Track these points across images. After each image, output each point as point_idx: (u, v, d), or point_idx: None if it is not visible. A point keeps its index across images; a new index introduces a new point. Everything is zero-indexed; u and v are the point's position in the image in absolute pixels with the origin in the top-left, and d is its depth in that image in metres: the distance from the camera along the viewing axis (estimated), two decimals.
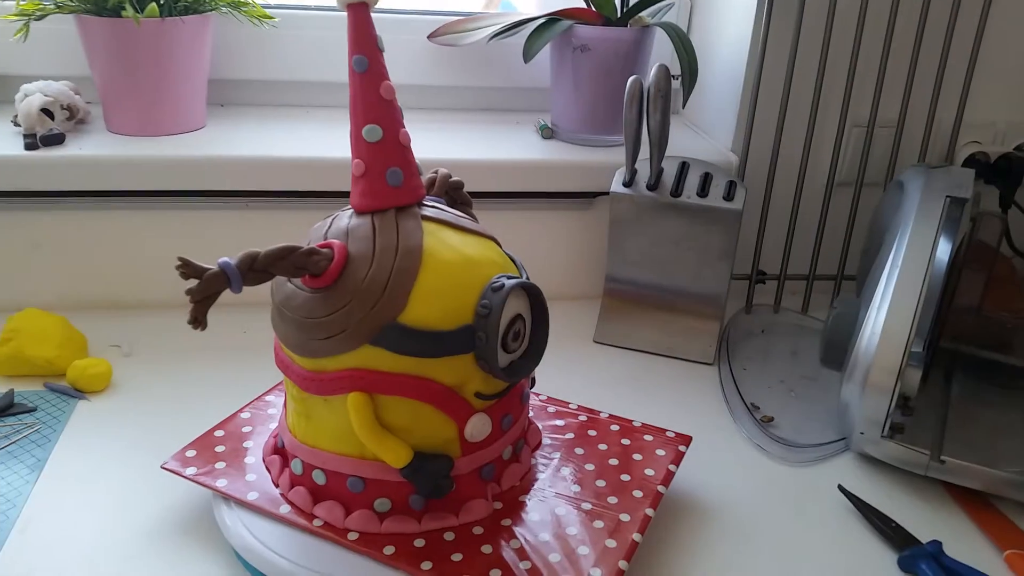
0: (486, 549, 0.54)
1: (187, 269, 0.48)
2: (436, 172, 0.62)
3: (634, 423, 0.67)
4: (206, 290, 0.48)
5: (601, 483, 0.60)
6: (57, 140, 0.84)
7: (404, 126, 0.56)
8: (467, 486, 0.57)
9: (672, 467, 0.62)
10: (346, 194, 0.57)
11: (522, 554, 0.53)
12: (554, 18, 0.93)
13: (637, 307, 0.89)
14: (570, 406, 0.70)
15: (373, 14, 0.54)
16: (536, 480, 0.61)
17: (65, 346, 0.76)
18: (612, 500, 0.58)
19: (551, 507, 0.58)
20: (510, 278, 0.54)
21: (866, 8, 0.87)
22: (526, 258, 0.64)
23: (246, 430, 0.65)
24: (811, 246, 0.94)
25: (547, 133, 0.98)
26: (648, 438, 0.65)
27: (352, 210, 0.56)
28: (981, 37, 0.88)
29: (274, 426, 0.65)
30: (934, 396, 0.74)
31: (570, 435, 0.66)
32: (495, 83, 1.06)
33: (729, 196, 0.84)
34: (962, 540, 0.62)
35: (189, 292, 0.48)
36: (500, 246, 0.60)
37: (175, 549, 0.57)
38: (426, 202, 0.58)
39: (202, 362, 0.79)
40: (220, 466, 0.60)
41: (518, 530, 0.56)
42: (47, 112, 0.85)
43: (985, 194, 0.96)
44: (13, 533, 0.57)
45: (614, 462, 0.63)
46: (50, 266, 0.86)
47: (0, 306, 0.84)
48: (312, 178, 0.87)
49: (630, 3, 0.93)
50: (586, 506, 0.58)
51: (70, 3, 0.84)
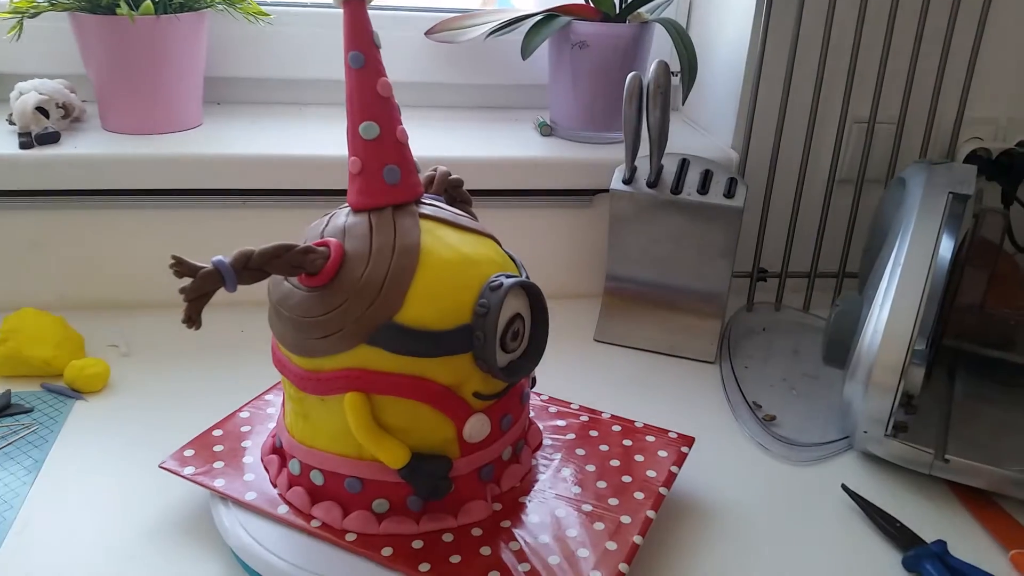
0: (485, 551, 0.53)
1: (181, 268, 0.48)
2: (435, 170, 0.62)
3: (636, 424, 0.67)
4: (200, 289, 0.48)
5: (602, 484, 0.60)
6: (52, 139, 0.84)
7: (402, 123, 0.55)
8: (466, 487, 0.56)
9: (674, 468, 0.62)
10: (344, 192, 0.56)
11: (521, 556, 0.53)
12: (552, 14, 0.93)
13: (638, 305, 0.88)
14: (572, 406, 0.69)
15: (370, 11, 0.54)
16: (536, 481, 0.60)
17: (62, 346, 0.76)
18: (613, 502, 0.58)
19: (551, 508, 0.57)
20: (509, 277, 0.53)
21: (867, 3, 0.86)
22: (525, 256, 0.64)
23: (245, 429, 0.64)
24: (812, 243, 0.94)
25: (546, 130, 0.98)
26: (650, 439, 0.65)
27: (349, 208, 0.56)
28: (982, 32, 0.87)
29: (273, 426, 0.64)
30: (937, 394, 0.74)
31: (571, 436, 0.65)
32: (493, 80, 1.06)
33: (730, 193, 0.84)
34: (967, 539, 0.61)
35: (183, 291, 0.48)
36: (500, 245, 0.59)
37: (174, 549, 0.57)
38: (424, 200, 0.57)
39: (200, 362, 0.78)
40: (218, 466, 0.60)
41: (517, 532, 0.55)
42: (42, 111, 0.85)
43: (987, 190, 0.95)
44: (10, 535, 0.57)
45: (615, 463, 0.62)
46: (46, 266, 0.86)
47: None
48: (309, 176, 0.86)
49: None
50: (587, 508, 0.57)
51: (64, 1, 0.83)
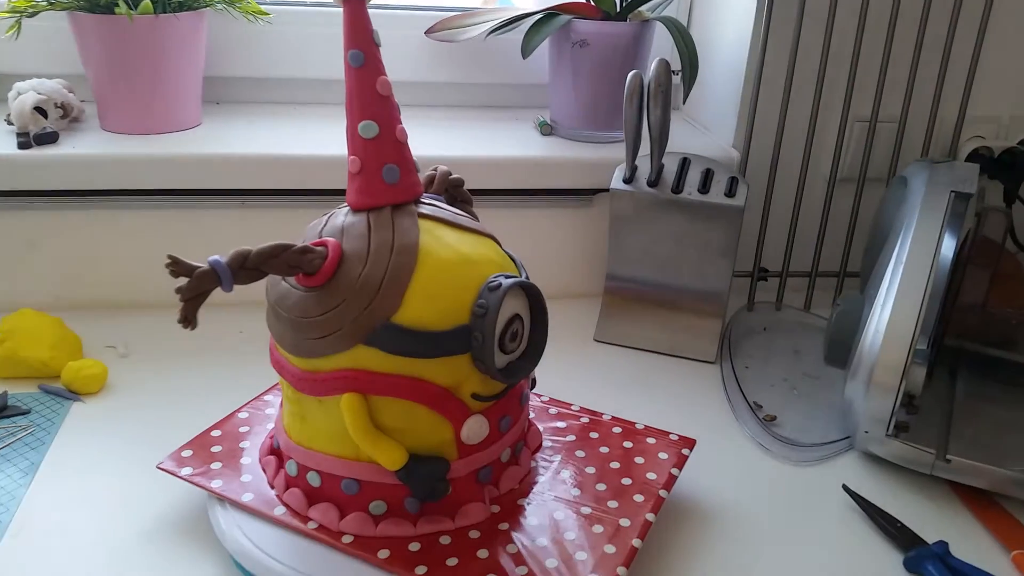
0: (482, 553, 0.53)
1: (177, 267, 0.48)
2: (436, 169, 0.61)
3: (637, 425, 0.66)
4: (196, 289, 0.48)
5: (601, 487, 0.59)
6: (51, 139, 0.84)
7: (401, 122, 0.55)
8: (464, 489, 0.56)
9: (675, 471, 0.61)
10: (343, 192, 0.56)
11: (519, 559, 0.53)
12: (552, 13, 0.92)
13: (638, 305, 0.88)
14: (572, 408, 0.69)
15: (370, 9, 0.53)
16: (535, 483, 0.60)
17: (60, 347, 0.75)
18: (612, 504, 0.57)
19: (550, 511, 0.57)
20: (508, 277, 0.53)
21: (868, 1, 0.86)
22: (525, 256, 0.64)
23: (243, 430, 0.64)
24: (813, 243, 0.93)
25: (546, 130, 0.98)
26: (651, 441, 0.64)
27: (348, 208, 0.55)
28: (984, 31, 0.87)
29: (271, 426, 0.64)
30: (939, 394, 0.73)
31: (571, 437, 0.65)
32: (493, 79, 1.05)
33: (731, 192, 0.84)
34: (969, 540, 0.61)
35: (179, 291, 0.47)
36: (500, 245, 0.59)
37: (171, 551, 0.56)
38: (424, 200, 0.57)
39: (199, 363, 0.78)
40: (216, 466, 0.59)
41: (515, 534, 0.55)
42: (40, 111, 0.85)
43: (989, 189, 0.95)
44: (6, 538, 0.57)
45: (615, 465, 0.62)
46: (44, 266, 0.86)
47: None
48: (309, 176, 0.86)
49: None
50: (585, 510, 0.57)
51: (63, 0, 0.83)
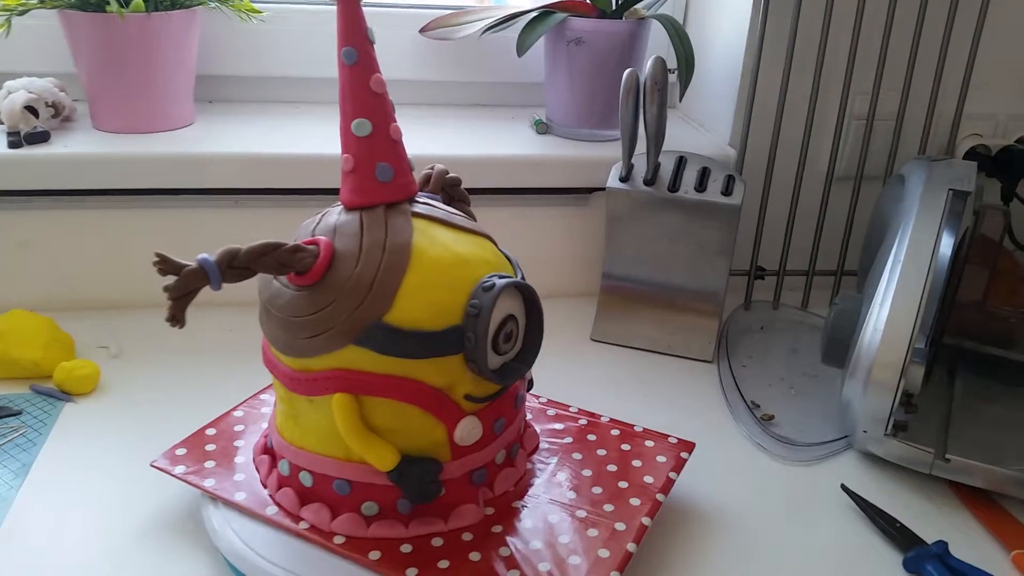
0: (474, 556, 0.52)
1: (165, 265, 0.47)
2: (433, 168, 0.61)
3: (635, 428, 0.65)
4: (184, 287, 0.47)
5: (598, 490, 0.58)
6: (42, 138, 0.83)
7: (395, 121, 0.54)
8: (457, 491, 0.55)
9: (672, 475, 0.60)
10: (338, 191, 0.56)
11: (511, 562, 0.52)
12: (548, 11, 0.92)
13: (635, 304, 0.88)
14: (570, 409, 0.68)
15: (364, 7, 0.53)
16: (531, 485, 0.59)
17: (51, 347, 0.75)
18: (608, 508, 0.57)
19: (544, 514, 0.56)
20: (502, 277, 0.52)
21: None
22: (521, 255, 0.63)
23: (238, 428, 0.64)
24: (811, 241, 0.93)
25: (542, 128, 0.97)
26: (649, 444, 0.64)
27: (342, 207, 0.55)
28: (982, 28, 0.87)
29: (266, 425, 0.63)
30: (938, 393, 0.73)
31: (569, 439, 0.64)
32: (488, 78, 1.05)
33: (727, 191, 0.83)
34: (968, 540, 0.61)
35: (167, 289, 0.47)
36: (496, 245, 0.58)
37: (164, 552, 0.56)
38: (419, 199, 0.56)
39: (192, 363, 0.78)
40: (209, 465, 0.59)
41: (509, 537, 0.54)
42: (31, 110, 0.84)
43: (986, 187, 0.94)
44: None
45: (612, 468, 0.61)
46: (36, 266, 0.85)
47: None
48: (302, 175, 0.85)
49: None
50: (581, 513, 0.56)
51: None
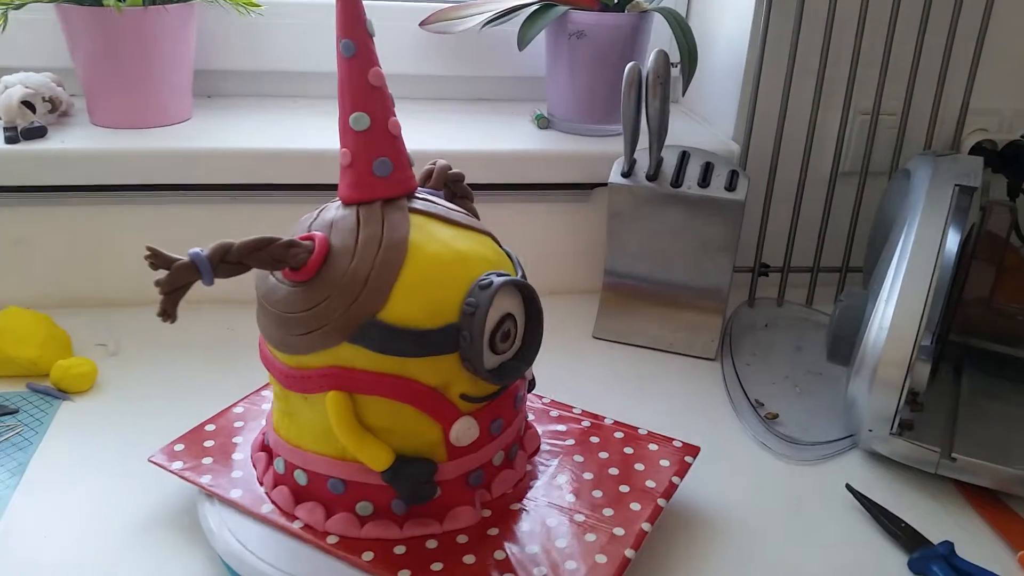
0: (468, 559, 0.52)
1: (156, 259, 0.46)
2: (435, 163, 0.60)
3: (640, 431, 0.64)
4: (175, 282, 0.46)
5: (598, 493, 0.57)
6: (39, 133, 0.82)
7: (395, 115, 0.54)
8: (453, 492, 0.54)
9: (675, 479, 0.59)
10: (336, 187, 0.55)
11: (506, 566, 0.51)
12: (549, 4, 0.91)
13: (637, 301, 0.87)
14: (574, 410, 0.67)
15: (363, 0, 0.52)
16: (530, 488, 0.58)
17: (48, 345, 0.74)
18: (607, 512, 0.56)
19: (542, 517, 0.55)
20: (500, 275, 0.51)
21: None
22: (522, 251, 0.62)
23: (238, 425, 0.63)
24: (815, 237, 0.92)
25: (543, 123, 0.96)
26: (653, 447, 0.62)
27: (340, 202, 0.54)
28: (987, 22, 0.86)
29: (265, 422, 0.63)
30: (944, 391, 0.72)
31: (571, 441, 0.63)
32: (489, 72, 1.04)
33: (731, 186, 0.82)
34: (974, 540, 0.60)
35: (158, 283, 0.46)
36: (497, 242, 0.58)
37: (160, 551, 0.55)
38: (419, 194, 0.56)
39: (189, 361, 0.77)
40: (207, 461, 0.58)
41: (505, 541, 0.53)
42: (28, 105, 0.84)
43: (992, 183, 0.94)
44: None
45: (614, 471, 0.60)
46: (32, 263, 0.85)
47: None
48: (301, 170, 0.85)
49: None
50: (579, 517, 0.55)
51: None
